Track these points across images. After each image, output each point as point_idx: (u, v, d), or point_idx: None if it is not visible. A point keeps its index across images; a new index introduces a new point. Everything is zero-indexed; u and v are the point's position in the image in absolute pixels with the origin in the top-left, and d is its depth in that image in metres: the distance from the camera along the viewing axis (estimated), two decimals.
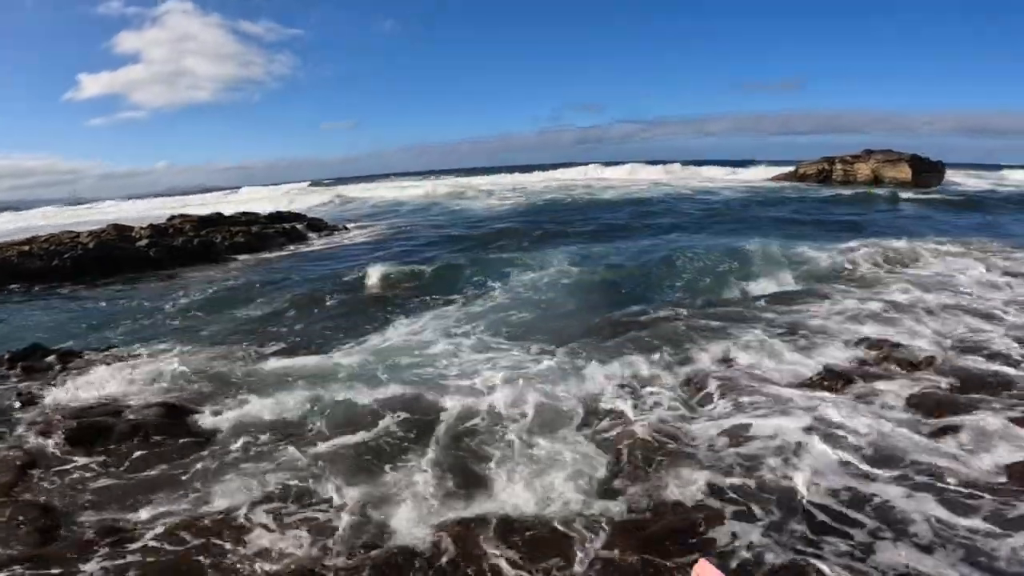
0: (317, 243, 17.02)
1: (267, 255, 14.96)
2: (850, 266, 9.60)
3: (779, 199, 24.58)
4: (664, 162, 51.54)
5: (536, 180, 47.61)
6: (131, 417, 4.87)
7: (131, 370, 6.01)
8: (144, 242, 14.72)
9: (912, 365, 5.32)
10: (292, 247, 16.13)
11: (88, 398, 5.41)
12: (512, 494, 3.71)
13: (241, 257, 14.63)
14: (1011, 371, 5.09)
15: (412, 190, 35.60)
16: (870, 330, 6.35)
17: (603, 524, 3.35)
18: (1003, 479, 3.50)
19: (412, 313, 8.21)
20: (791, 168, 37.56)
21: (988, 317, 6.66)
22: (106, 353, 6.77)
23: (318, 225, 19.60)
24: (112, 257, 14.17)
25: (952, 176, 34.57)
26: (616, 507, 3.50)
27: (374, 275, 10.11)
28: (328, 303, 9.03)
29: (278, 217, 20.24)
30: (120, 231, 15.91)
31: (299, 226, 18.55)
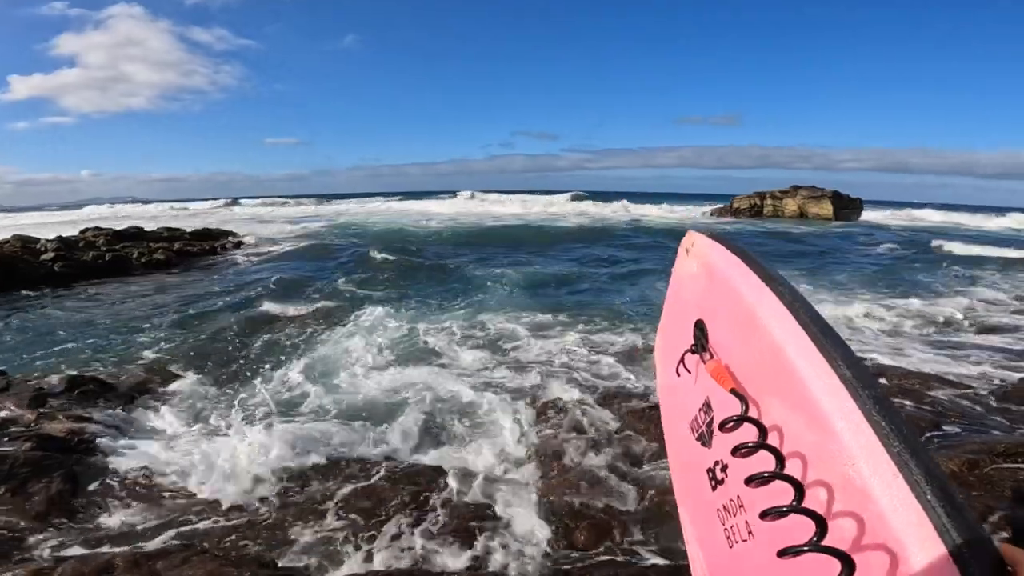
0: (241, 259, 16.22)
1: (185, 270, 14.10)
2: None
3: None
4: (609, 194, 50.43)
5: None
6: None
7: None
8: (50, 255, 13.60)
9: None
10: (215, 263, 15.32)
11: None
12: None
13: (155, 274, 13.75)
14: None
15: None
16: None
17: None
18: None
19: None
20: (725, 204, 39.34)
21: None
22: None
23: (246, 242, 18.88)
24: (15, 270, 13.03)
25: (867, 215, 37.11)
26: None
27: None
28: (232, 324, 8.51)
29: (206, 234, 19.34)
30: (25, 243, 14.68)
31: (228, 243, 17.74)
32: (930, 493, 0.48)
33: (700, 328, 0.95)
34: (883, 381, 5.30)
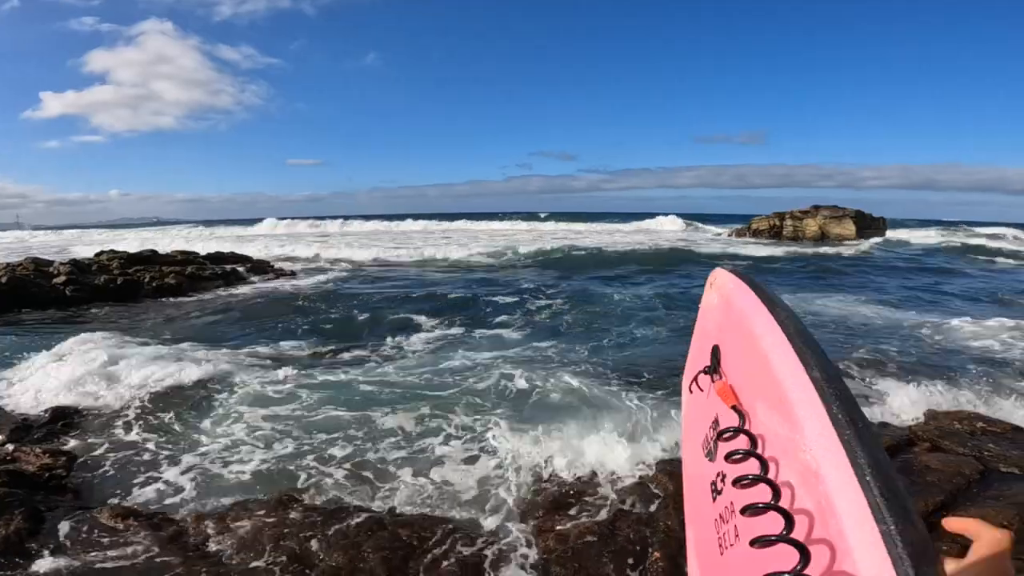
0: (256, 287, 16.11)
1: (196, 298, 14.05)
2: None
3: None
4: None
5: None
6: None
7: None
8: (62, 279, 13.64)
9: None
10: (226, 291, 15.21)
11: None
12: None
13: (170, 299, 13.77)
14: None
15: None
16: None
17: None
18: None
19: None
20: (742, 225, 38.74)
21: None
22: None
23: (262, 268, 18.79)
24: (28, 293, 13.10)
25: (891, 233, 36.15)
26: None
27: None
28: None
29: (219, 257, 19.40)
30: (38, 265, 14.78)
31: (240, 268, 17.69)
32: (870, 475, 0.52)
33: (715, 352, 1.04)
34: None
